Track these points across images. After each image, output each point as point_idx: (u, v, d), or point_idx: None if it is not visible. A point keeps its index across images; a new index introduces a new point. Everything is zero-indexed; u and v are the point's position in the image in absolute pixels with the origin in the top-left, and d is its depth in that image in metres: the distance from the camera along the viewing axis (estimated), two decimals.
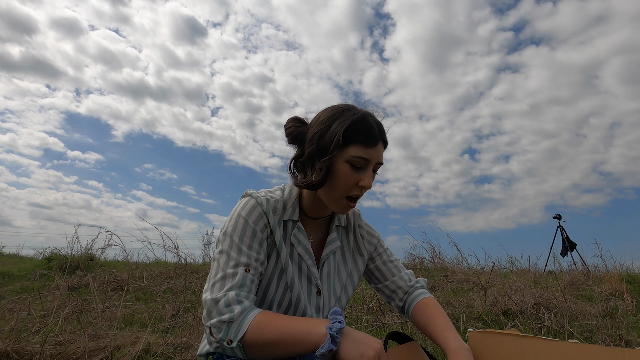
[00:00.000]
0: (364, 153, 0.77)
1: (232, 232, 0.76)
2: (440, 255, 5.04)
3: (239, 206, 0.81)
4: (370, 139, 0.77)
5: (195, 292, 3.22)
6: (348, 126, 0.76)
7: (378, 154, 0.79)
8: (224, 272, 0.73)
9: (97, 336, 2.03)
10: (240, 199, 0.84)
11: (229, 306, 0.68)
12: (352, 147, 0.76)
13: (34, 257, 5.51)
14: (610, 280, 3.24)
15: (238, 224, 0.77)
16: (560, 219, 5.66)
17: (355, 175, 0.78)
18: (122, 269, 4.11)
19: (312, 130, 0.81)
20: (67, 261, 4.04)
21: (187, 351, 1.92)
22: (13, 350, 1.77)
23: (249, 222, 0.77)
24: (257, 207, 0.79)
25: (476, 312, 2.56)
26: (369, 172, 0.79)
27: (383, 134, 0.81)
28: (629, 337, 2.08)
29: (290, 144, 0.85)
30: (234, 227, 0.77)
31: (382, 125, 0.82)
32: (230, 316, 0.67)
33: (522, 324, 2.32)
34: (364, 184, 0.78)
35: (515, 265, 4.77)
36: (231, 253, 0.74)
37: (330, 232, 0.90)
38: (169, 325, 2.43)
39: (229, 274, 0.72)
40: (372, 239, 0.98)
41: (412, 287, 0.95)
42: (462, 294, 3.16)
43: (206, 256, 5.14)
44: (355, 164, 0.77)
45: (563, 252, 5.43)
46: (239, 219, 0.77)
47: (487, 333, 0.83)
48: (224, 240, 0.77)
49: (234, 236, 0.76)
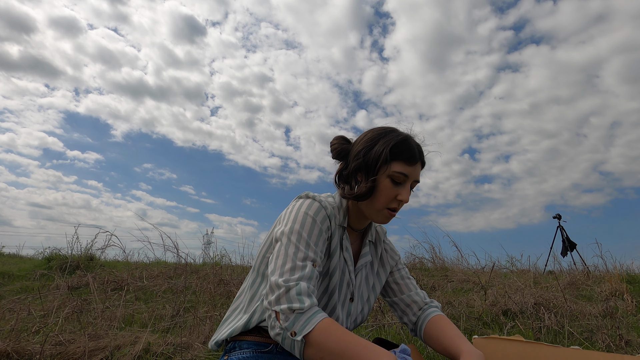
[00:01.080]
0: (404, 170, 0.84)
1: (301, 228, 0.78)
2: (440, 255, 5.05)
3: (302, 206, 0.83)
4: (412, 158, 0.85)
5: (195, 292, 3.22)
6: (393, 145, 0.84)
7: (416, 172, 0.87)
8: (293, 263, 0.73)
9: (97, 336, 2.03)
10: (298, 200, 0.87)
11: (300, 296, 0.69)
12: (394, 164, 0.84)
13: (34, 257, 5.51)
14: (610, 280, 3.24)
15: (306, 222, 0.79)
16: (560, 219, 5.66)
17: (395, 189, 0.84)
18: (122, 269, 4.11)
19: (357, 147, 0.88)
20: (67, 261, 4.04)
21: (187, 351, 1.92)
22: (13, 350, 1.77)
23: (316, 221, 0.80)
24: (322, 209, 0.83)
25: (476, 312, 2.56)
26: (407, 187, 0.86)
27: (422, 155, 0.89)
28: (629, 337, 2.08)
29: (335, 158, 0.94)
30: (302, 224, 0.79)
31: (421, 147, 0.90)
32: (300, 306, 0.68)
33: (522, 324, 2.32)
34: (401, 198, 0.85)
35: (515, 265, 4.77)
36: (299, 246, 0.76)
37: (364, 246, 0.96)
38: (169, 325, 2.43)
39: (298, 265, 0.73)
40: (394, 255, 1.04)
41: (427, 304, 0.98)
42: (462, 294, 3.16)
43: (206, 256, 5.14)
44: (396, 179, 0.84)
45: (563, 252, 5.43)
46: (307, 217, 0.80)
47: (491, 339, 0.84)
48: (291, 234, 0.78)
49: (303, 232, 0.78)
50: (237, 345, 0.84)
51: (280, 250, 0.76)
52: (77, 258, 4.21)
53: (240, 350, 0.83)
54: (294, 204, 0.85)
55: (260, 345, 0.83)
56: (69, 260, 4.07)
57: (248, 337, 0.84)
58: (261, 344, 0.83)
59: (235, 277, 3.68)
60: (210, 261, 4.84)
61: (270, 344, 0.83)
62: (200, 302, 2.98)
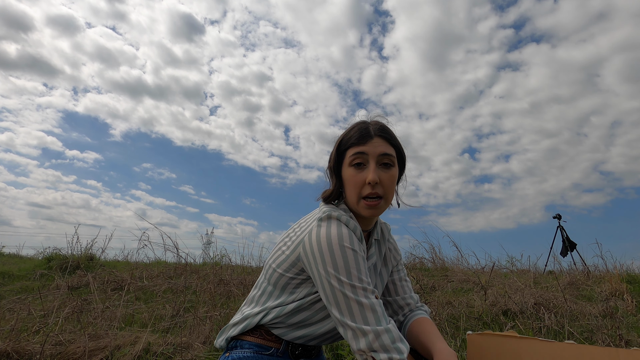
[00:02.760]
0: (358, 149, 0.81)
1: (345, 264, 0.73)
2: (440, 255, 5.05)
3: (332, 235, 0.76)
4: (362, 137, 0.81)
5: (195, 292, 3.22)
6: (343, 136, 0.84)
7: (374, 146, 0.81)
8: (359, 304, 0.71)
9: (97, 336, 2.03)
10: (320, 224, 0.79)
11: (395, 344, 0.69)
12: (348, 151, 0.82)
13: (34, 257, 5.51)
14: (610, 280, 3.24)
15: (347, 255, 0.74)
16: (560, 219, 5.66)
17: (360, 174, 0.81)
18: (122, 269, 4.11)
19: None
20: (67, 261, 4.04)
21: (187, 351, 1.92)
22: (13, 350, 1.77)
23: (355, 249, 0.75)
24: (351, 232, 0.78)
25: (476, 312, 2.56)
26: (371, 167, 0.81)
27: (377, 130, 0.83)
28: (629, 337, 2.08)
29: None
30: (344, 259, 0.73)
31: (379, 124, 0.85)
32: (401, 358, 0.68)
33: (522, 324, 2.32)
34: (368, 179, 0.80)
35: (515, 265, 4.77)
36: (355, 283, 0.72)
37: (370, 246, 0.94)
38: (169, 325, 2.43)
39: (366, 304, 0.71)
40: (396, 254, 1.02)
41: (417, 307, 0.98)
42: (462, 294, 3.16)
43: (206, 256, 5.14)
44: (355, 162, 0.81)
45: (563, 252, 5.42)
46: (345, 250, 0.74)
47: (485, 335, 0.84)
48: (338, 272, 0.73)
49: (350, 268, 0.73)
50: (239, 344, 0.84)
51: (337, 294, 0.73)
52: (77, 258, 4.21)
53: (241, 349, 0.83)
54: (322, 232, 0.77)
55: (262, 348, 0.83)
56: (69, 260, 4.07)
57: (250, 337, 0.84)
58: (263, 346, 0.83)
59: (235, 277, 3.68)
60: (210, 261, 4.85)
61: (272, 347, 0.83)
62: (200, 302, 2.98)
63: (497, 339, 0.82)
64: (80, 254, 4.36)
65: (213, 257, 5.00)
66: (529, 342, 0.79)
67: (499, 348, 0.81)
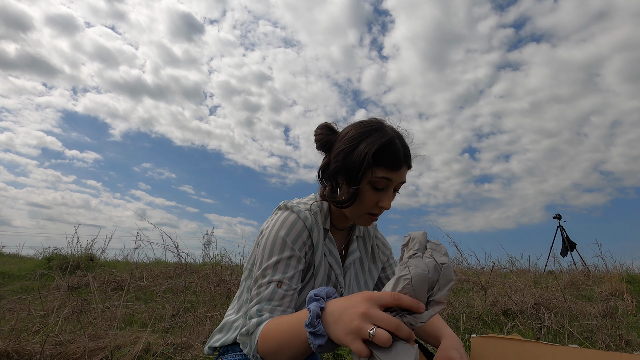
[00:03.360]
0: (387, 175, 0.77)
1: (270, 251, 0.77)
2: None
3: (277, 221, 0.79)
4: (395, 164, 0.77)
5: (195, 291, 3.22)
6: (377, 149, 0.76)
7: (400, 176, 0.80)
8: (258, 290, 0.74)
9: (97, 336, 2.03)
10: (277, 211, 0.83)
11: (251, 319, 0.71)
12: (377, 170, 0.77)
13: (34, 256, 5.51)
14: (610, 280, 3.24)
15: (276, 244, 0.77)
16: (560, 219, 5.67)
17: (376, 195, 0.79)
18: (122, 268, 4.11)
19: (339, 144, 0.81)
20: (67, 261, 4.04)
21: (187, 351, 1.92)
22: (13, 350, 1.77)
23: (287, 242, 0.77)
24: (299, 222, 0.79)
25: (476, 312, 2.56)
26: (389, 193, 0.80)
27: (408, 159, 0.81)
28: (629, 337, 2.08)
29: (319, 150, 0.87)
30: (272, 247, 0.77)
31: (408, 148, 0.82)
32: (246, 329, 0.69)
33: (522, 324, 2.32)
34: (383, 205, 0.80)
35: (515, 265, 4.77)
36: (267, 270, 0.75)
37: (352, 242, 0.93)
38: (169, 325, 2.43)
39: (261, 290, 0.74)
40: (385, 250, 1.01)
41: None
42: (462, 294, 3.16)
43: (206, 256, 5.14)
44: (377, 185, 0.78)
45: (563, 252, 5.43)
46: (277, 239, 0.77)
47: (489, 338, 0.84)
48: (262, 257, 0.77)
49: (273, 256, 0.76)
50: (230, 348, 0.85)
51: (253, 278, 0.78)
52: (78, 258, 4.21)
53: (233, 353, 0.83)
54: (272, 218, 0.82)
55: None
56: (69, 260, 4.07)
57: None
58: None
59: (236, 277, 3.68)
60: (211, 261, 4.85)
61: None
62: (200, 302, 2.98)
63: (501, 342, 0.82)
64: (80, 254, 4.36)
65: (213, 257, 5.00)
66: (532, 345, 0.79)
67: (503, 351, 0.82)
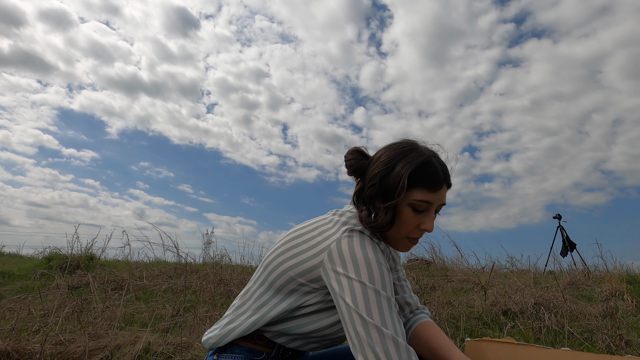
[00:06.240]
0: (427, 197, 0.75)
1: (382, 279, 0.71)
2: (440, 255, 5.05)
3: (369, 248, 0.74)
4: (435, 183, 0.75)
5: (195, 291, 3.22)
6: (413, 170, 0.75)
7: (441, 197, 0.78)
8: (384, 317, 0.67)
9: (97, 336, 2.03)
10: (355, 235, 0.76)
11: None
12: (415, 191, 0.75)
13: (34, 256, 5.51)
14: (610, 280, 3.24)
15: (384, 273, 0.72)
16: (561, 219, 5.67)
17: (417, 218, 0.77)
18: (122, 268, 4.11)
19: (373, 168, 0.79)
20: (67, 260, 4.04)
21: (187, 351, 1.92)
22: (13, 350, 1.77)
23: (382, 262, 0.73)
24: (377, 246, 0.77)
25: (476, 312, 2.56)
26: (431, 215, 0.78)
27: (447, 177, 0.79)
28: (629, 338, 2.08)
29: (350, 175, 0.85)
30: (381, 275, 0.71)
31: (446, 167, 0.80)
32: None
33: (522, 324, 2.32)
34: (425, 227, 0.77)
35: (515, 265, 4.77)
36: (390, 303, 0.70)
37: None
38: (169, 324, 2.43)
39: (394, 337, 0.66)
40: (395, 255, 1.00)
41: (418, 309, 0.95)
42: (462, 294, 3.16)
43: (206, 256, 5.14)
44: (418, 207, 0.76)
45: (563, 252, 5.43)
46: (381, 267, 0.72)
47: (482, 342, 0.86)
48: (374, 285, 0.69)
49: (387, 286, 0.71)
50: (229, 348, 0.83)
51: (369, 303, 0.68)
52: (78, 257, 4.21)
53: (232, 354, 0.82)
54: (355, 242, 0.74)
55: (253, 353, 0.82)
56: (69, 259, 4.07)
57: (242, 342, 0.83)
58: (254, 351, 0.82)
59: (236, 277, 3.68)
60: (211, 261, 4.85)
61: (263, 353, 0.82)
62: (200, 301, 2.98)
63: (495, 346, 0.84)
64: (80, 254, 4.36)
65: (213, 256, 5.00)
66: (525, 348, 0.81)
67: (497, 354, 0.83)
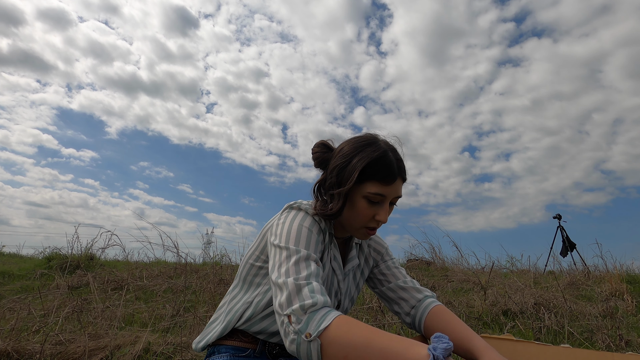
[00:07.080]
0: (380, 190, 0.78)
1: (298, 235, 0.74)
2: (440, 255, 5.05)
3: (296, 218, 0.79)
4: (388, 177, 0.78)
5: (195, 291, 3.22)
6: (367, 164, 0.78)
7: (395, 190, 0.80)
8: (297, 262, 0.69)
9: (97, 336, 2.03)
10: (290, 211, 0.82)
11: (313, 293, 0.63)
12: (369, 184, 0.78)
13: (34, 256, 5.51)
14: (610, 280, 3.24)
15: (302, 233, 0.75)
16: (561, 219, 5.67)
17: (372, 209, 0.80)
18: (122, 268, 4.11)
19: (334, 160, 0.83)
20: (67, 261, 4.04)
21: (187, 351, 1.92)
22: (13, 350, 1.77)
23: (313, 231, 0.77)
24: (316, 223, 0.80)
25: (476, 312, 2.56)
26: (385, 207, 0.81)
27: (402, 171, 0.82)
28: (629, 338, 2.08)
29: (317, 167, 0.89)
30: (299, 233, 0.75)
31: (402, 161, 0.83)
32: (313, 301, 0.61)
33: (522, 324, 2.32)
34: (379, 218, 0.80)
35: (515, 265, 4.78)
36: (300, 249, 0.72)
37: (351, 249, 0.93)
38: (169, 324, 2.43)
39: (302, 265, 0.68)
40: (379, 247, 1.00)
41: (423, 294, 0.92)
42: (462, 294, 3.16)
43: (206, 256, 5.14)
44: (372, 199, 0.79)
45: (563, 252, 5.43)
46: (302, 228, 0.76)
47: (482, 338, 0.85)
48: (288, 241, 0.73)
49: (301, 239, 0.74)
50: (216, 349, 0.84)
51: (280, 253, 0.72)
52: (78, 258, 4.21)
53: (218, 354, 0.83)
54: (287, 216, 0.81)
55: (238, 350, 0.83)
56: (69, 259, 4.07)
57: (227, 341, 0.85)
58: (239, 348, 0.83)
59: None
60: (210, 261, 4.85)
61: (248, 349, 0.83)
62: (200, 301, 2.98)
63: (494, 342, 0.83)
64: (80, 254, 4.36)
65: (213, 256, 5.00)
66: (525, 345, 0.80)
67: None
